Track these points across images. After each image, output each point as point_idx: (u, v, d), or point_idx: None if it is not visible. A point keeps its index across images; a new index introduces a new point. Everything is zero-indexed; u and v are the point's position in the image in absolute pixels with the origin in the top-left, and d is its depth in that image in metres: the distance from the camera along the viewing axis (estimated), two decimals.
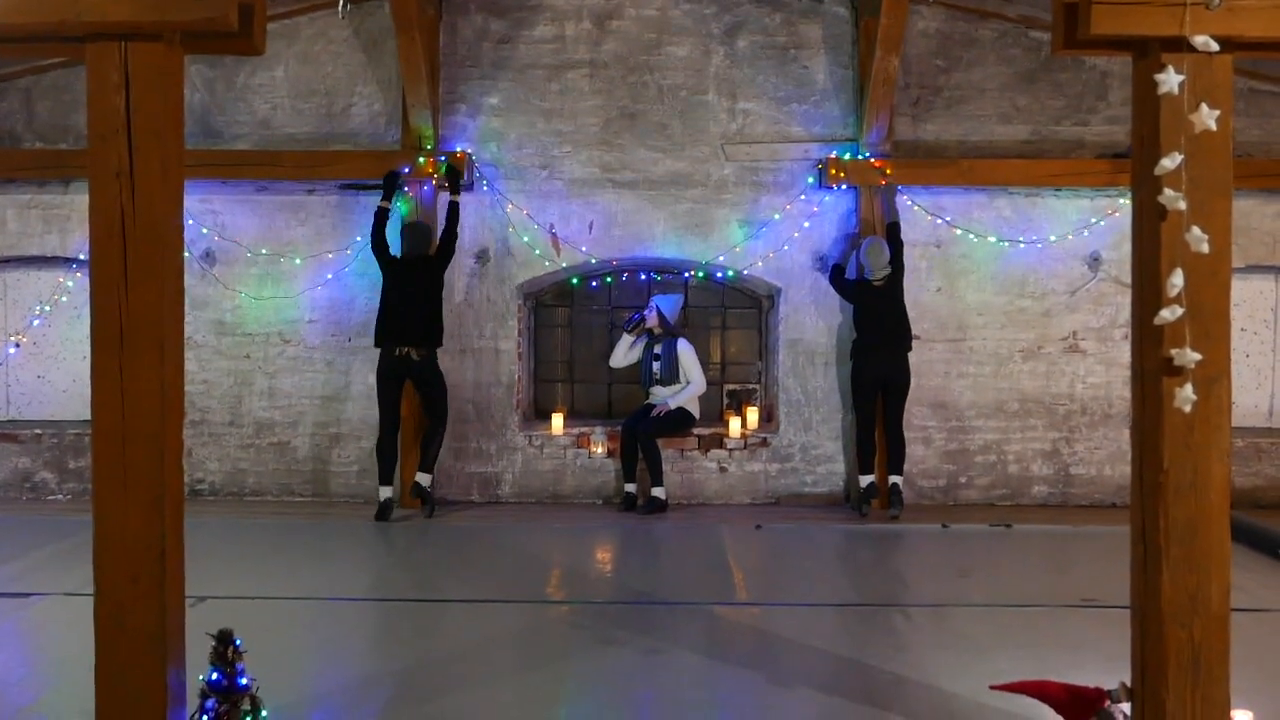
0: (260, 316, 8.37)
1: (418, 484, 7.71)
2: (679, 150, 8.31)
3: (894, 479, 7.83)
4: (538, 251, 8.31)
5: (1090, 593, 5.84)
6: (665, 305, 8.21)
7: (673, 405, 8.06)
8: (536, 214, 8.30)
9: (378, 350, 7.68)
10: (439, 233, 7.84)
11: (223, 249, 8.33)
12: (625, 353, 8.26)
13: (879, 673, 4.60)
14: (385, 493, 7.63)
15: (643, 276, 8.82)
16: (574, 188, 8.32)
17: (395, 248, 7.84)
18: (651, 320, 8.16)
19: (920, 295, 8.19)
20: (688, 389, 8.11)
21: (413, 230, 7.81)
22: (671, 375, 8.12)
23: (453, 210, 7.78)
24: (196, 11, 3.14)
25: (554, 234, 8.32)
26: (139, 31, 3.17)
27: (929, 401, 8.30)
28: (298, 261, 8.31)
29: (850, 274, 8.09)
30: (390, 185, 7.84)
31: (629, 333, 8.24)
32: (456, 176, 7.90)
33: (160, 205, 3.22)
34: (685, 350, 8.15)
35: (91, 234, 3.24)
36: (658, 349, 8.16)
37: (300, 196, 8.34)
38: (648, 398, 8.23)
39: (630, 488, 8.09)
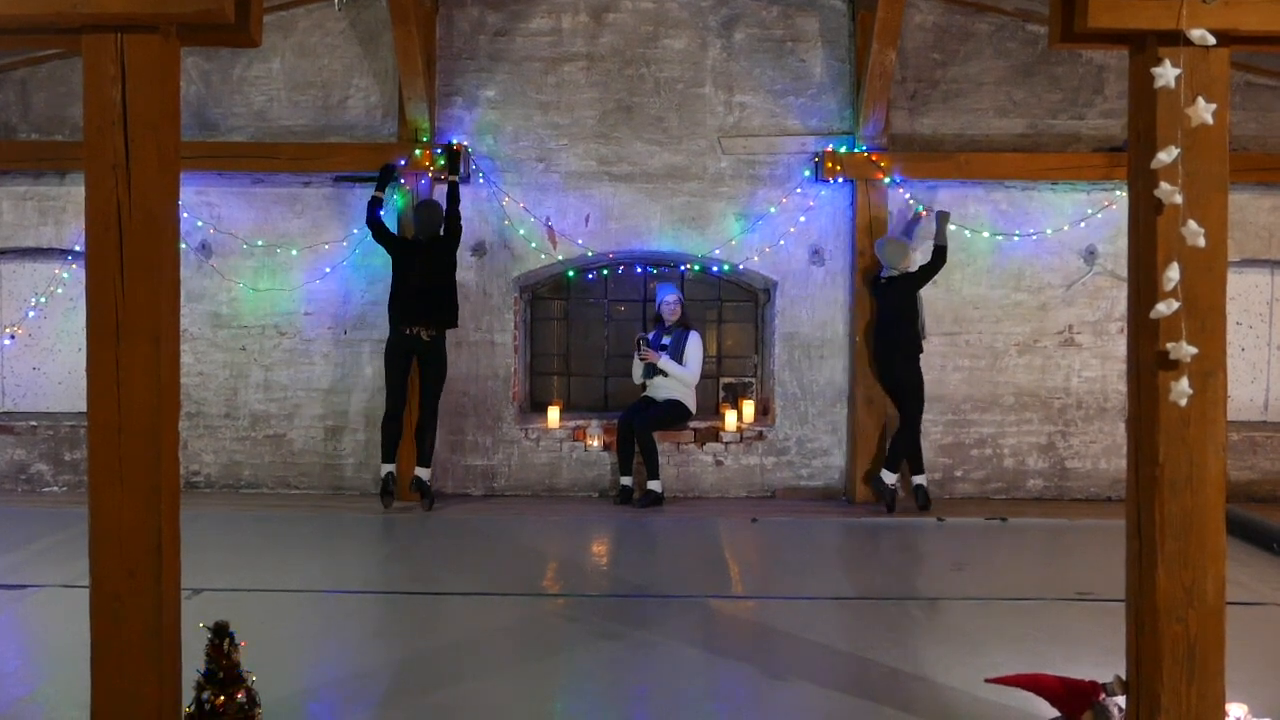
0: (256, 309, 8.36)
1: (417, 478, 7.72)
2: (675, 143, 8.30)
3: (884, 473, 7.82)
4: (534, 245, 8.30)
5: (1085, 586, 5.86)
6: (676, 294, 8.24)
7: (662, 364, 7.99)
8: (533, 207, 8.29)
9: (387, 329, 7.75)
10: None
11: (219, 241, 8.32)
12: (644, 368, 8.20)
13: (874, 666, 4.62)
14: (387, 469, 7.68)
15: (639, 270, 8.81)
16: (570, 181, 8.31)
17: (395, 231, 7.92)
18: (673, 313, 8.15)
19: None
20: (681, 368, 8.03)
21: (424, 209, 7.83)
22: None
23: (453, 190, 7.83)
24: (193, 3, 3.13)
25: (550, 227, 8.31)
26: (135, 23, 3.16)
27: (925, 395, 8.29)
28: (294, 253, 8.30)
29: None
30: (386, 178, 7.85)
31: (642, 359, 8.12)
32: (455, 157, 7.93)
33: (156, 197, 3.21)
34: (694, 339, 8.12)
35: (88, 226, 3.23)
36: (667, 339, 8.13)
37: (296, 189, 8.33)
38: (644, 390, 8.23)
39: (626, 481, 8.09)
